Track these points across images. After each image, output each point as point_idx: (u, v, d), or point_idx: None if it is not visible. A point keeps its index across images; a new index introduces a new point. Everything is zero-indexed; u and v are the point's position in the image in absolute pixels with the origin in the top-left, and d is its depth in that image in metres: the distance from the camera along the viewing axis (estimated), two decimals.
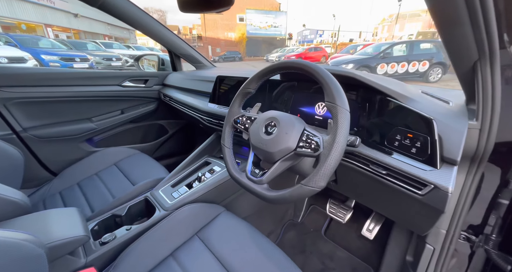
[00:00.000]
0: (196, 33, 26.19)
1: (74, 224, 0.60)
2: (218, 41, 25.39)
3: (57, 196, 0.95)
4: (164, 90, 1.35)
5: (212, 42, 24.79)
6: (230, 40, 25.90)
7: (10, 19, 12.80)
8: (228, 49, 23.24)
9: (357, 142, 0.56)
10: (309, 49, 14.36)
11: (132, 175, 1.04)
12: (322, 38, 33.85)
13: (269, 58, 16.69)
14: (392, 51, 6.29)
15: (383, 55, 6.20)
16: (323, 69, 0.52)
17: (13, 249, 0.39)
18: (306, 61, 0.55)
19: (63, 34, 16.27)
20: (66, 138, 1.12)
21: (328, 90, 0.49)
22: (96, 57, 8.01)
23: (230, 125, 0.66)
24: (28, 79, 1.00)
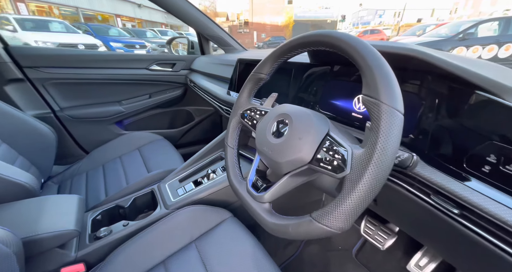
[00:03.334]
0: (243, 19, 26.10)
1: (68, 215, 0.57)
2: (264, 27, 24.79)
3: (83, 175, 1.00)
4: (190, 75, 1.28)
5: (258, 28, 24.34)
6: (276, 25, 24.99)
7: (90, 11, 14.90)
8: (274, 35, 22.51)
9: (413, 161, 0.36)
10: (363, 32, 12.70)
11: (150, 162, 1.03)
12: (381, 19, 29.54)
13: None
14: (477, 31, 4.89)
15: (462, 36, 4.86)
16: (364, 43, 0.33)
17: None
18: (338, 32, 0.36)
19: (129, 24, 18.24)
20: (97, 119, 1.17)
21: (369, 77, 0.30)
22: (153, 44, 8.74)
23: (236, 120, 0.53)
24: (63, 60, 1.05)
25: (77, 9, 13.99)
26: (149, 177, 0.88)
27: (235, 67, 0.91)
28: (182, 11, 1.10)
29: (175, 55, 1.38)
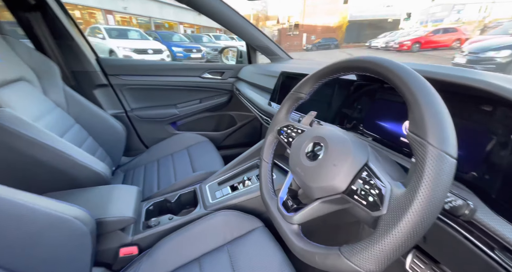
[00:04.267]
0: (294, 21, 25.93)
1: (128, 204, 0.69)
2: (314, 28, 24.07)
3: (142, 167, 1.18)
4: (236, 83, 1.36)
5: (308, 30, 23.77)
6: (327, 26, 23.96)
7: (160, 19, 17.15)
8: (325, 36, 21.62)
9: (467, 211, 0.31)
10: (434, 31, 10.98)
11: (196, 162, 1.14)
12: (460, 15, 25.06)
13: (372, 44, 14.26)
14: None
15: None
16: (411, 73, 0.31)
17: (63, 224, 0.47)
18: (381, 58, 0.34)
19: (189, 30, 20.25)
20: (157, 119, 1.36)
21: (416, 113, 0.28)
22: (207, 48, 9.51)
23: (272, 135, 0.55)
24: (137, 69, 1.26)
25: (150, 19, 16.30)
26: (193, 176, 0.98)
27: (277, 79, 0.93)
28: (232, 23, 1.18)
29: (224, 64, 1.49)
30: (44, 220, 0.44)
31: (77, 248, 0.50)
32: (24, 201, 0.43)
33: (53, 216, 0.46)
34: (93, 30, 6.98)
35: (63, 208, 0.48)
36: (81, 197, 0.68)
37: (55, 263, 0.47)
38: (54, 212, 0.46)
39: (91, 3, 11.84)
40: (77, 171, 0.74)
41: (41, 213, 0.44)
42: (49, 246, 0.46)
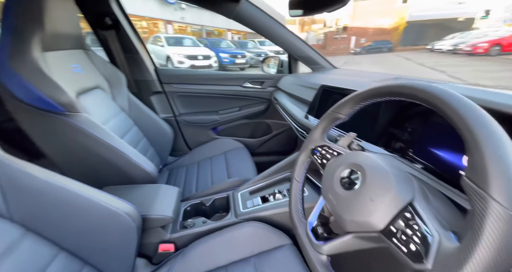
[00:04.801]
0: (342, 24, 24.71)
1: (169, 204, 0.76)
2: (365, 31, 22.46)
3: (184, 168, 1.28)
4: (275, 93, 1.37)
5: (358, 32, 22.31)
6: (381, 28, 22.06)
7: (210, 27, 18.54)
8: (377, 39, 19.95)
9: None
10: None
11: (231, 168, 1.19)
12: None
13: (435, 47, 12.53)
14: None
15: None
16: (473, 107, 0.26)
17: (116, 218, 0.54)
18: (436, 87, 0.30)
19: (236, 36, 21.30)
20: (200, 124, 1.47)
21: (476, 157, 0.24)
22: (252, 54, 9.85)
23: (306, 154, 0.54)
24: (186, 78, 1.39)
25: (202, 27, 17.75)
26: (228, 182, 1.02)
27: (317, 92, 0.90)
28: (274, 35, 1.20)
29: (265, 74, 1.52)
30: (102, 212, 0.53)
31: (125, 240, 0.58)
32: (88, 194, 0.51)
33: (109, 210, 0.54)
34: (155, 39, 7.97)
35: (117, 203, 0.56)
36: (131, 193, 0.78)
37: (107, 251, 0.56)
38: (110, 206, 0.54)
39: (155, 15, 13.57)
40: (131, 169, 0.86)
41: (100, 207, 0.52)
42: (103, 236, 0.54)
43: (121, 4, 1.14)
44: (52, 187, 0.47)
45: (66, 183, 0.49)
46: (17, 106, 0.69)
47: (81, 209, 0.50)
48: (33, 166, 0.47)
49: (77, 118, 0.74)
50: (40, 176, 0.46)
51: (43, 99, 0.67)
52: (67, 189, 0.48)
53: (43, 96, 0.67)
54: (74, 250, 0.51)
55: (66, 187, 0.48)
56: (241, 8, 1.08)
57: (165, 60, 7.27)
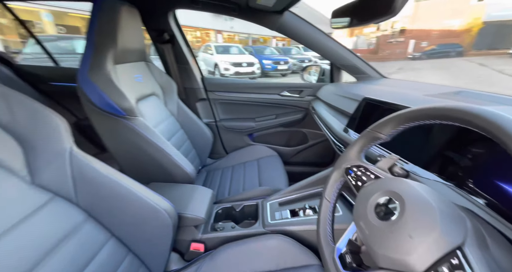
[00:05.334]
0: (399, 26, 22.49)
1: (202, 205, 0.81)
2: (427, 33, 19.93)
3: (220, 170, 1.35)
4: (313, 102, 1.34)
5: (418, 35, 19.93)
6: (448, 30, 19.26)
7: (256, 35, 19.24)
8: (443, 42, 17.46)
9: None
10: None
11: (263, 175, 1.20)
12: None
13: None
14: None
15: None
16: None
17: (156, 214, 0.60)
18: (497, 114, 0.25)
19: (281, 43, 21.57)
20: (238, 130, 1.53)
21: None
22: (294, 60, 9.84)
23: (339, 173, 0.51)
24: (228, 87, 1.48)
25: (248, 35, 18.56)
26: (258, 190, 1.03)
27: (359, 104, 0.84)
28: (316, 44, 1.17)
29: (304, 83, 1.50)
30: (145, 207, 0.60)
31: (162, 234, 0.64)
32: (136, 190, 0.59)
33: (151, 206, 0.60)
34: (206, 47, 8.68)
35: (158, 200, 0.62)
36: (171, 191, 0.86)
37: (147, 242, 0.62)
38: (152, 202, 0.61)
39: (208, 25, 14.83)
40: (173, 168, 0.95)
41: (144, 202, 0.59)
42: (145, 228, 0.61)
43: (177, 22, 1.29)
44: (110, 181, 0.55)
45: (120, 179, 0.57)
46: (91, 109, 0.84)
47: (129, 202, 0.58)
48: (98, 162, 0.56)
49: (135, 121, 0.87)
50: (102, 171, 0.55)
51: (111, 105, 0.81)
52: (120, 184, 0.56)
53: (111, 103, 0.80)
54: (121, 238, 0.59)
55: (120, 182, 0.56)
56: (284, 20, 1.10)
57: (213, 67, 7.84)
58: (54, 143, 0.49)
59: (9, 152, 0.45)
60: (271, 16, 1.10)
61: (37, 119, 0.48)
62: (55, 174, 0.49)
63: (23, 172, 0.46)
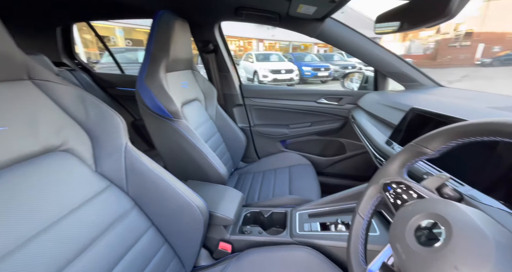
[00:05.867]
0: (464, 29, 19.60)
1: (232, 206, 0.83)
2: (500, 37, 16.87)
3: (251, 174, 1.38)
4: (354, 111, 1.26)
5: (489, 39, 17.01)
6: None
7: (298, 42, 19.23)
8: None
9: None
10: None
11: (294, 184, 1.17)
12: None
13: None
14: None
15: None
16: None
17: (190, 209, 0.65)
18: None
19: (323, 49, 21.06)
20: (270, 136, 1.54)
21: None
22: (336, 66, 9.49)
23: (375, 188, 0.47)
24: (263, 93, 1.51)
25: (289, 43, 18.68)
26: (288, 198, 1.01)
27: (405, 115, 0.77)
28: (358, 50, 1.11)
29: (344, 90, 1.43)
30: (181, 202, 0.65)
31: (194, 229, 0.68)
32: (175, 186, 0.65)
33: (186, 201, 0.65)
34: (247, 56, 9.05)
35: (193, 197, 0.67)
36: (205, 189, 0.91)
37: (180, 235, 0.68)
38: (187, 198, 0.66)
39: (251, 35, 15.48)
40: (208, 168, 1.01)
41: (181, 197, 0.65)
42: (179, 221, 0.66)
43: (222, 33, 1.39)
44: (154, 175, 0.62)
45: (163, 174, 0.64)
46: (145, 111, 0.96)
47: (169, 195, 0.64)
48: (147, 157, 0.64)
49: (179, 123, 0.96)
50: (149, 165, 0.62)
51: (160, 108, 0.91)
52: (163, 179, 0.63)
53: (161, 106, 0.91)
54: (159, 228, 0.66)
55: (163, 177, 0.63)
56: (324, 27, 1.08)
57: (252, 74, 8.10)
58: (114, 138, 0.58)
59: (82, 144, 0.55)
60: (311, 24, 1.10)
61: (104, 118, 0.57)
62: (112, 164, 0.58)
63: (90, 161, 0.56)
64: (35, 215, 0.43)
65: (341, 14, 1.06)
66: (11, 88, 0.45)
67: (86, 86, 1.69)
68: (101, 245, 0.51)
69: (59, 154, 0.50)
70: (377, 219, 0.76)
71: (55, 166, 0.49)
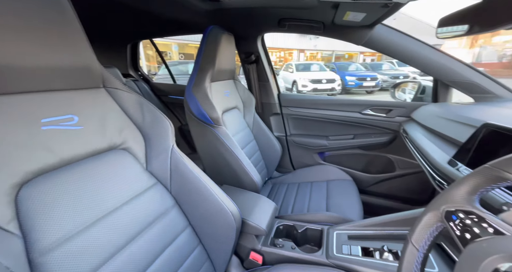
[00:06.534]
0: None
1: (265, 216, 0.81)
2: None
3: (285, 185, 1.34)
4: (406, 124, 1.12)
5: None
6: None
7: (342, 51, 18.54)
8: None
9: None
10: None
11: (331, 200, 1.09)
12: None
13: None
14: None
15: None
16: None
17: (224, 214, 0.66)
18: None
19: (369, 58, 19.78)
20: (307, 147, 1.48)
21: None
22: (385, 76, 8.77)
23: (435, 215, 0.40)
24: (302, 103, 1.47)
25: (332, 52, 18.16)
26: (325, 215, 0.94)
27: (476, 131, 0.64)
28: (413, 57, 1.00)
29: (394, 102, 1.28)
30: (216, 205, 0.66)
31: (227, 234, 0.69)
32: (212, 189, 0.67)
33: (221, 205, 0.67)
34: (287, 66, 9.12)
35: (227, 202, 0.68)
36: (239, 196, 0.92)
37: (214, 238, 0.69)
38: (222, 202, 0.67)
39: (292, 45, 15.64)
40: (243, 175, 1.02)
41: (216, 201, 0.66)
42: (214, 224, 0.67)
43: (264, 44, 1.44)
44: (194, 177, 0.65)
45: (202, 176, 0.67)
46: (190, 117, 1.04)
47: (205, 197, 0.66)
48: (189, 160, 0.68)
49: (219, 129, 1.01)
50: (190, 167, 0.66)
51: (204, 114, 0.97)
52: (201, 181, 0.66)
53: (204, 113, 0.97)
54: (195, 228, 0.68)
55: (201, 179, 0.66)
56: (373, 34, 1.01)
57: (291, 84, 8.10)
58: (163, 140, 0.64)
59: (137, 144, 0.62)
60: (358, 31, 1.04)
61: (157, 122, 0.63)
62: (160, 164, 0.64)
63: (142, 160, 0.63)
64: (98, 204, 0.49)
65: (393, 21, 0.98)
66: (90, 94, 0.55)
67: (145, 94, 1.94)
68: (144, 239, 0.55)
69: (119, 151, 0.58)
70: (435, 253, 0.64)
71: (115, 161, 0.56)
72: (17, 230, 0.38)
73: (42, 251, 0.39)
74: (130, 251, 0.51)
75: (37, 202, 0.41)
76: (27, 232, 0.39)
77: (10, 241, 0.37)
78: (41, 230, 0.40)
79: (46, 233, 0.40)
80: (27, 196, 0.40)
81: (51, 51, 0.44)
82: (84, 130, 0.51)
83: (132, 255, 0.51)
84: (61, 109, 0.48)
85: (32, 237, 0.39)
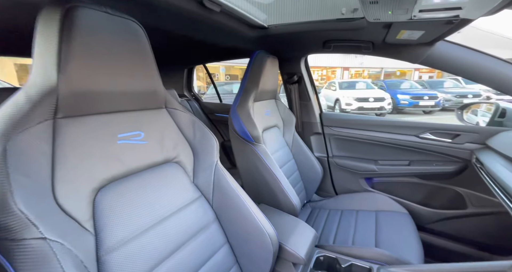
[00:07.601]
0: None
1: (303, 244, 0.76)
2: None
3: (326, 211, 1.24)
4: (479, 153, 0.93)
5: None
6: None
7: (392, 68, 17.26)
8: None
9: None
10: None
11: (382, 235, 0.96)
12: None
13: None
14: None
15: None
16: None
17: (261, 235, 0.64)
18: None
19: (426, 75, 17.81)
20: (352, 170, 1.36)
21: None
22: (448, 95, 7.71)
23: None
24: (346, 123, 1.38)
25: (381, 69, 17.08)
26: (374, 251, 0.83)
27: None
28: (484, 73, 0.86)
29: (462, 125, 1.08)
30: (254, 225, 0.65)
31: (263, 256, 0.66)
32: (251, 208, 0.66)
33: (259, 226, 0.65)
34: (330, 84, 8.90)
35: (266, 223, 0.67)
36: (276, 217, 0.89)
37: (250, 259, 0.67)
38: (260, 223, 0.65)
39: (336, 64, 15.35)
40: (281, 195, 0.99)
41: (254, 220, 0.65)
42: (250, 245, 0.66)
43: (307, 65, 1.45)
44: (234, 194, 0.67)
45: (242, 194, 0.68)
46: (233, 134, 1.09)
47: (244, 216, 0.66)
48: (231, 177, 0.70)
49: (258, 147, 1.02)
50: (231, 183, 0.68)
51: (245, 132, 1.01)
52: (241, 199, 0.66)
53: (246, 131, 1.01)
54: (232, 246, 0.68)
55: (241, 197, 0.67)
56: (433, 51, 0.92)
57: (333, 102, 7.81)
58: (209, 156, 0.68)
59: (188, 158, 0.67)
60: (414, 49, 0.96)
61: (205, 139, 0.69)
62: (205, 178, 0.67)
63: (190, 173, 0.67)
64: (152, 211, 0.54)
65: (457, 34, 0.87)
66: (154, 114, 0.63)
67: (195, 112, 2.15)
68: (186, 251, 0.57)
69: (172, 164, 0.64)
70: None
71: (168, 173, 0.62)
72: (91, 228, 0.44)
73: (107, 250, 0.45)
74: (174, 261, 0.54)
75: (108, 206, 0.48)
76: (98, 231, 0.45)
77: (86, 238, 0.43)
78: (109, 230, 0.46)
79: (112, 234, 0.46)
80: (101, 200, 0.47)
81: (131, 78, 0.53)
82: (147, 144, 0.58)
83: (176, 265, 0.53)
84: (132, 126, 0.57)
85: (101, 236, 0.45)
